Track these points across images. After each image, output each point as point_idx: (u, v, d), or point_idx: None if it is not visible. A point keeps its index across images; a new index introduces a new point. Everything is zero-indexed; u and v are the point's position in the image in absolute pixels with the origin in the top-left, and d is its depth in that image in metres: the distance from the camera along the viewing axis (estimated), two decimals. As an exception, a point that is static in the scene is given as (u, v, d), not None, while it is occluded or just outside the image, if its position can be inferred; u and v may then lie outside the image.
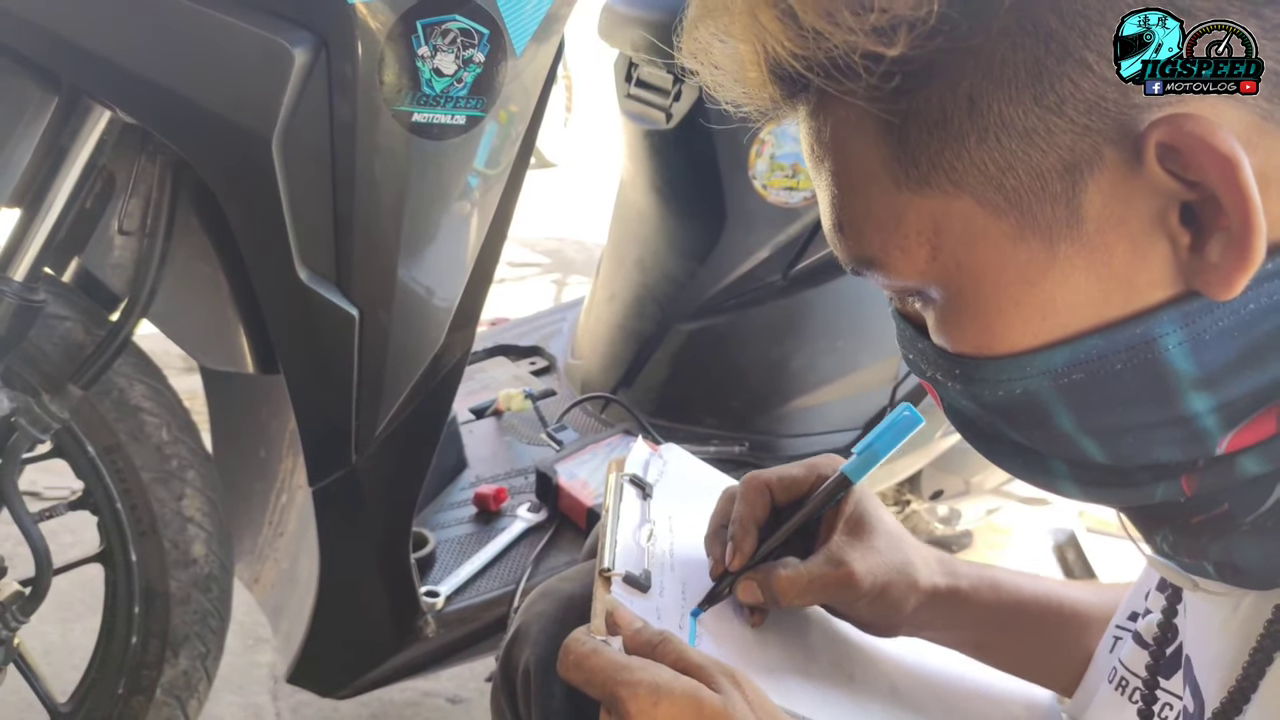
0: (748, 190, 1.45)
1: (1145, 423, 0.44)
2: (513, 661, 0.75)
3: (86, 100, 0.94)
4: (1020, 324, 0.44)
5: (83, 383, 1.01)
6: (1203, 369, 0.41)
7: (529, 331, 1.90)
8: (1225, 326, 0.41)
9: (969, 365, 0.46)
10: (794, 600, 0.68)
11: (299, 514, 1.21)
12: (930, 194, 0.43)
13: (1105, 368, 0.43)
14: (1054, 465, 0.48)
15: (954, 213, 0.43)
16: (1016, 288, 0.43)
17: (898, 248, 0.45)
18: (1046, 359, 0.44)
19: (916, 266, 0.45)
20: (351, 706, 1.50)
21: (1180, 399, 0.42)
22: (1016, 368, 0.44)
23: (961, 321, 0.46)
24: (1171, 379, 0.42)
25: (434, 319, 1.05)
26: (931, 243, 0.44)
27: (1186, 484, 0.45)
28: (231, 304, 1.03)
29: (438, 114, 0.93)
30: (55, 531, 1.12)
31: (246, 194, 0.92)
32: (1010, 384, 0.45)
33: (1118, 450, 0.45)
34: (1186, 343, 0.41)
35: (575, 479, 1.38)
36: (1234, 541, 0.45)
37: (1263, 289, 0.40)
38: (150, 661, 1.16)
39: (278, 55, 0.85)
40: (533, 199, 3.61)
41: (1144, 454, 0.45)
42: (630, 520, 0.75)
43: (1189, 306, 0.41)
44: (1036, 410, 0.45)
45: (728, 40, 0.45)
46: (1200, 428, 0.43)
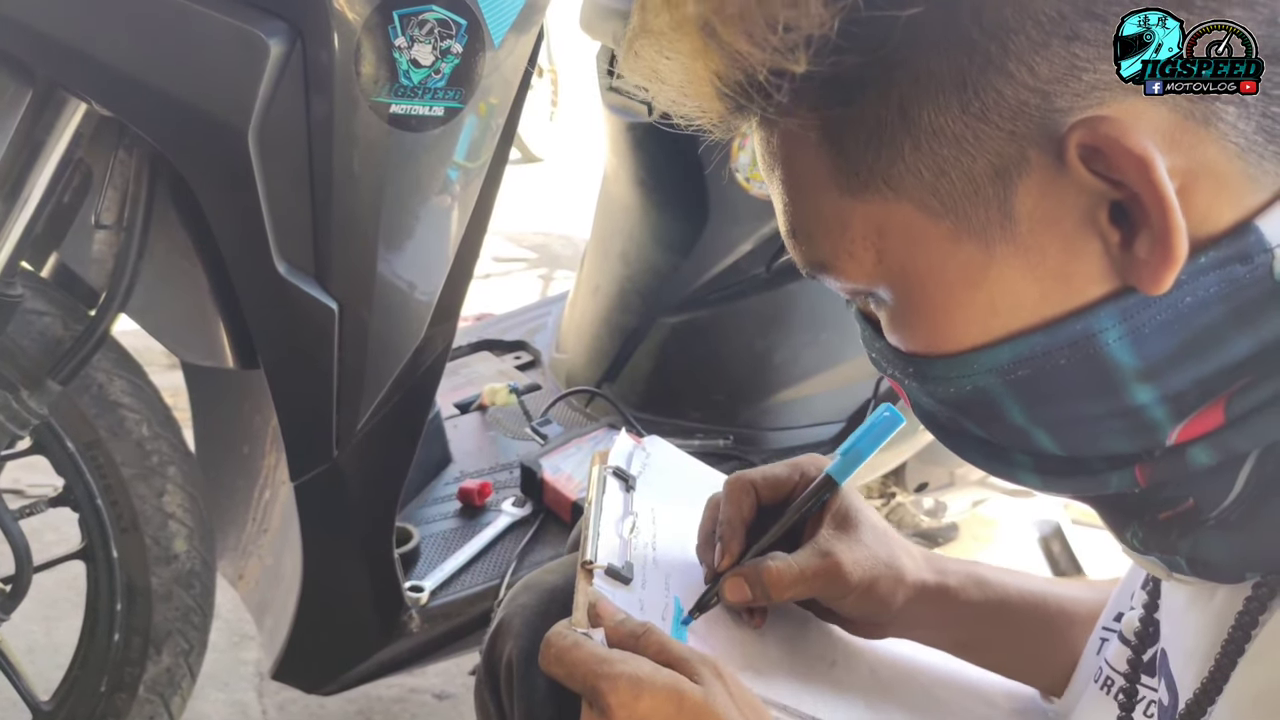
0: (730, 183, 1.45)
1: (1093, 415, 0.45)
2: (496, 654, 0.75)
3: (62, 93, 0.93)
4: (964, 323, 0.45)
5: (61, 378, 1.00)
6: (1144, 361, 0.42)
7: (513, 326, 1.89)
8: (1164, 320, 0.41)
9: (921, 364, 0.48)
10: (783, 594, 0.67)
11: (282, 510, 1.21)
12: (871, 200, 0.44)
13: (1050, 363, 0.44)
14: (1015, 457, 0.49)
15: (895, 217, 0.44)
16: (958, 289, 0.44)
17: (846, 253, 0.46)
18: (992, 356, 0.45)
19: (864, 270, 0.46)
20: (338, 703, 1.49)
21: (1125, 391, 0.43)
22: (964, 365, 0.46)
23: (910, 322, 0.47)
24: (1115, 372, 0.43)
25: (415, 312, 1.04)
26: (877, 247, 0.45)
27: (1140, 474, 0.45)
28: (211, 298, 1.02)
29: (416, 105, 0.93)
30: (39, 529, 1.12)
31: (223, 187, 0.91)
32: (960, 380, 0.46)
33: (1070, 441, 0.47)
34: (1126, 336, 0.42)
35: (560, 473, 1.37)
36: (1201, 537, 0.45)
37: (1198, 282, 0.41)
38: (133, 658, 1.16)
39: (253, 46, 0.84)
40: (519, 193, 3.61)
41: (1095, 445, 0.46)
42: (613, 512, 0.75)
43: (1126, 302, 0.42)
44: (989, 405, 0.46)
45: (672, 57, 0.45)
46: (1148, 418, 0.44)
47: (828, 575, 0.67)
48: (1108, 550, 1.84)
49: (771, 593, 0.67)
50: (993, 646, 0.73)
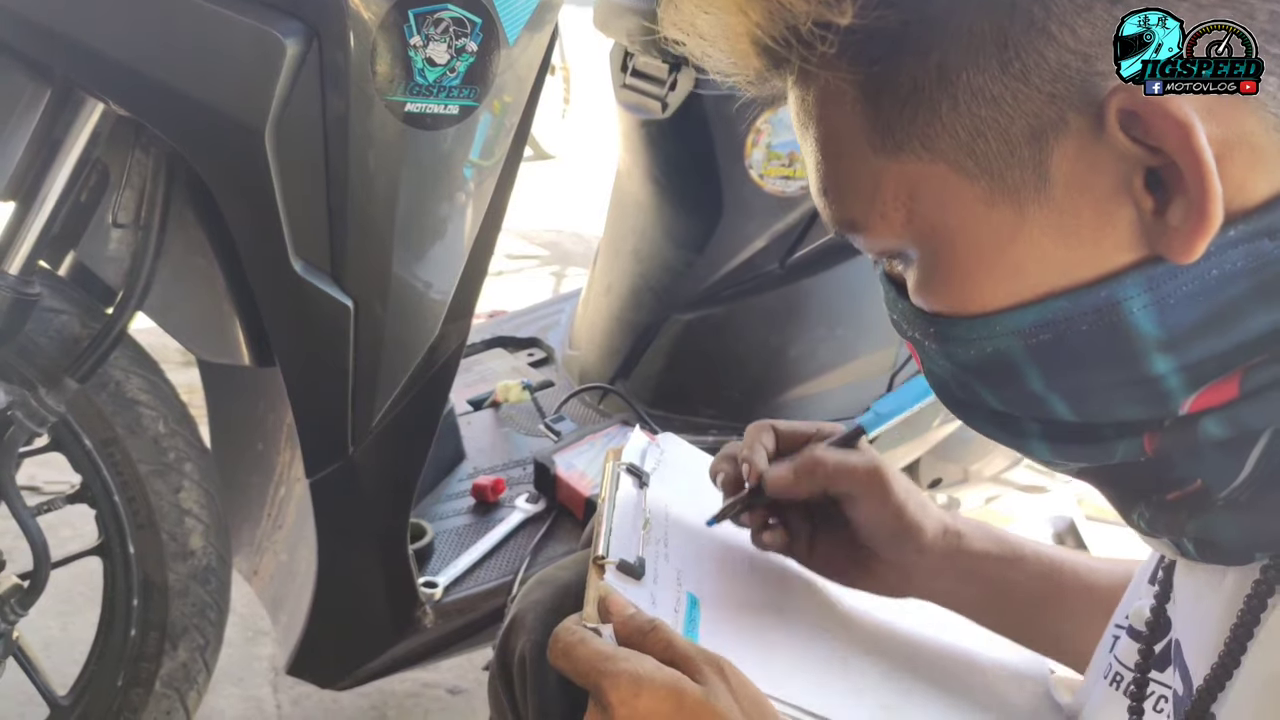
0: (744, 179, 1.44)
1: (1111, 382, 0.45)
2: (509, 649, 0.75)
3: (80, 93, 0.94)
4: (991, 285, 0.45)
5: (79, 376, 1.01)
6: (1166, 331, 0.42)
7: (527, 323, 1.89)
8: (1189, 291, 0.41)
9: (943, 324, 0.48)
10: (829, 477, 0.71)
11: (297, 506, 1.21)
12: (906, 159, 0.45)
13: (1072, 329, 0.44)
14: (1025, 426, 0.49)
15: (928, 177, 0.44)
16: (988, 250, 0.44)
17: (877, 212, 0.47)
18: (1016, 319, 0.45)
19: (894, 229, 0.47)
20: (352, 698, 1.50)
21: (1144, 360, 0.43)
22: (987, 327, 0.46)
23: (936, 282, 0.47)
24: (1136, 340, 0.43)
25: (429, 309, 1.04)
26: (908, 206, 0.46)
27: (1148, 443, 0.46)
28: (227, 296, 1.03)
29: (431, 104, 0.93)
30: (55, 525, 1.13)
31: (240, 186, 0.92)
32: (982, 343, 0.46)
33: (1085, 408, 0.46)
34: (1151, 306, 0.42)
35: (573, 469, 1.38)
36: (1210, 519, 0.46)
37: (1226, 255, 0.41)
38: (149, 654, 1.16)
39: (269, 46, 0.85)
40: (531, 191, 3.61)
41: (1110, 412, 0.46)
42: (626, 509, 0.75)
43: (1153, 270, 0.42)
44: (1007, 369, 0.47)
45: (711, 12, 0.46)
46: (1164, 388, 0.44)
47: (871, 475, 0.70)
48: (1122, 546, 1.84)
49: (817, 469, 0.70)
50: (1008, 605, 0.73)
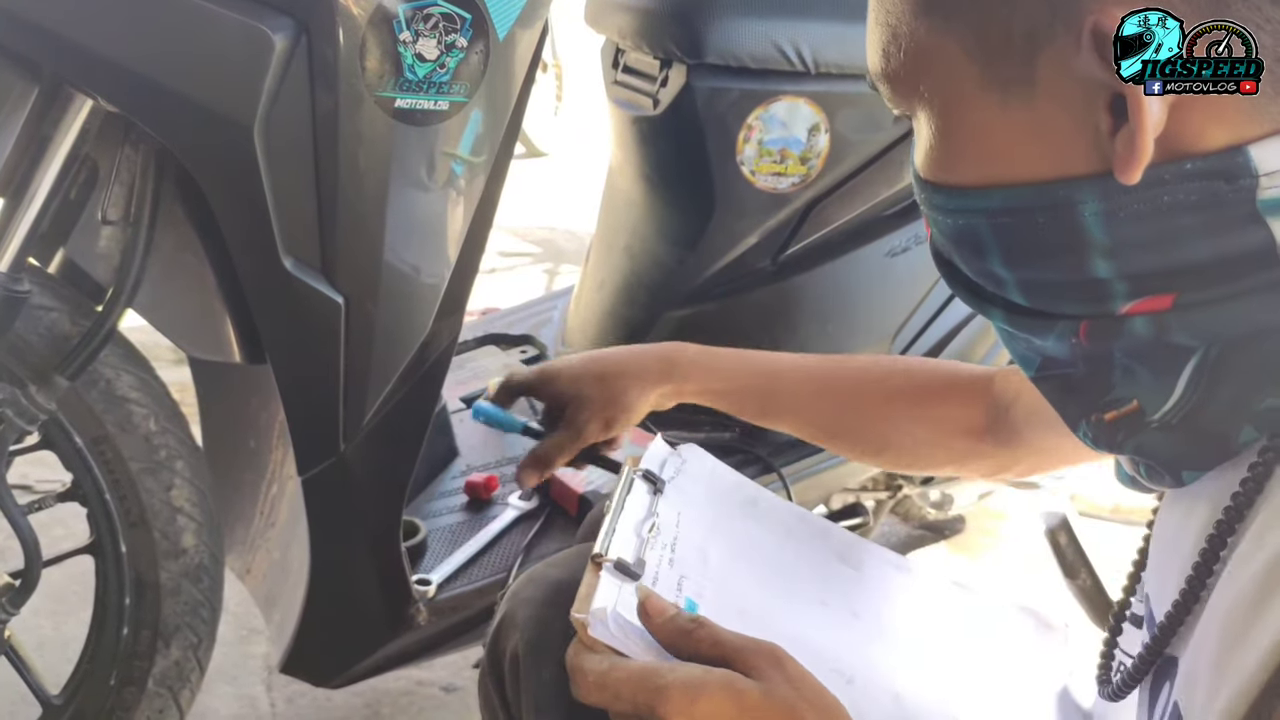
0: (736, 176, 1.44)
1: (1058, 277, 0.49)
2: (500, 649, 0.75)
3: (68, 89, 0.93)
4: (969, 162, 0.50)
5: (69, 373, 1.00)
6: (1112, 240, 0.46)
7: (519, 320, 1.89)
8: (1139, 210, 0.45)
9: (929, 191, 0.52)
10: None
11: (290, 504, 1.21)
12: (929, 24, 0.49)
13: (1030, 219, 0.48)
14: (992, 297, 0.54)
15: (941, 49, 0.48)
16: (972, 131, 0.49)
17: (899, 66, 0.51)
18: (985, 198, 0.49)
19: (907, 89, 0.51)
20: (345, 696, 1.50)
21: (1089, 261, 0.47)
22: (962, 199, 0.50)
23: (929, 150, 0.52)
24: (1084, 242, 0.47)
25: (420, 306, 1.04)
26: (921, 70, 0.50)
27: (1083, 330, 0.49)
28: (217, 293, 1.03)
29: (421, 100, 0.93)
30: (47, 524, 1.13)
31: (229, 182, 0.92)
32: (956, 215, 0.51)
33: (1034, 297, 0.51)
34: (1101, 214, 0.46)
35: (566, 466, 1.38)
36: (1144, 438, 0.50)
37: (1180, 187, 0.44)
38: (142, 652, 1.16)
39: (257, 41, 0.84)
40: (524, 188, 3.61)
41: (1055, 304, 0.50)
42: (635, 512, 0.74)
43: (1108, 184, 0.45)
44: (976, 245, 0.51)
45: None
46: (1105, 290, 0.48)
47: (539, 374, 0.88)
48: (1115, 543, 1.84)
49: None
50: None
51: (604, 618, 0.63)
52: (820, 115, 1.42)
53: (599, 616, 0.63)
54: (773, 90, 1.40)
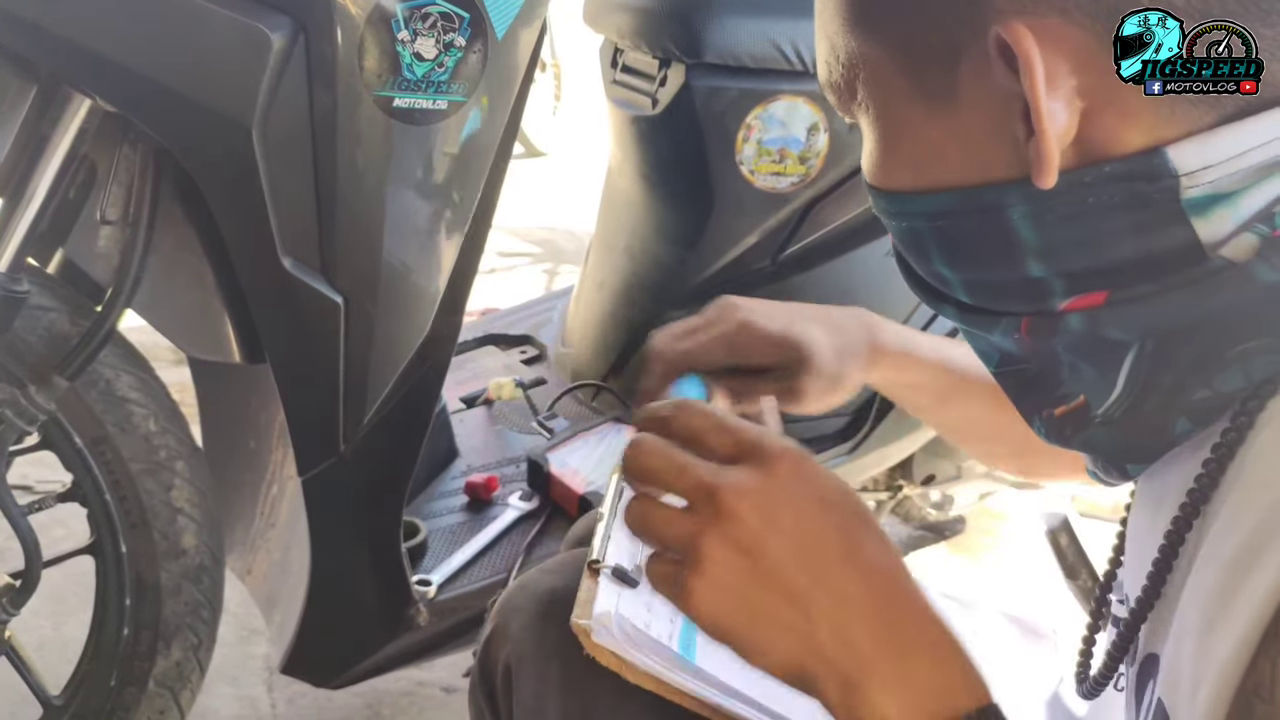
0: (735, 176, 1.44)
1: (998, 276, 0.51)
2: (491, 659, 0.73)
3: (66, 89, 0.93)
4: (906, 168, 0.51)
5: (69, 374, 1.00)
6: (1043, 242, 0.48)
7: (519, 320, 1.89)
8: (1066, 212, 0.46)
9: (875, 195, 0.54)
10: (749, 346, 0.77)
11: (290, 505, 1.21)
12: (861, 35, 0.51)
13: (964, 222, 0.50)
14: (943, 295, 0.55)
15: (873, 60, 0.50)
16: (905, 139, 0.51)
17: (839, 75, 0.53)
18: (921, 202, 0.51)
19: (846, 97, 0.53)
20: (346, 696, 1.50)
21: (1023, 262, 0.49)
22: (901, 203, 0.52)
23: (870, 155, 0.54)
24: (1016, 244, 0.48)
25: (420, 306, 1.04)
26: (857, 80, 0.52)
27: (1024, 326, 0.51)
28: (216, 293, 1.03)
29: (419, 99, 0.93)
30: (47, 525, 1.12)
31: (228, 182, 0.92)
32: (899, 217, 0.53)
33: (977, 295, 0.53)
34: (1029, 217, 0.47)
35: (566, 467, 1.38)
36: (1090, 433, 0.51)
37: (1104, 189, 0.45)
38: (142, 653, 1.16)
39: (255, 41, 0.84)
40: (523, 188, 3.61)
41: (996, 302, 0.52)
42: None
43: (1033, 188, 0.46)
44: (920, 247, 0.53)
45: None
46: (1042, 288, 0.49)
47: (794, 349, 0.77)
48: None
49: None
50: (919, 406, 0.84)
51: (608, 623, 0.62)
52: (819, 114, 1.42)
53: (603, 622, 0.62)
54: (772, 89, 1.40)
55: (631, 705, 0.65)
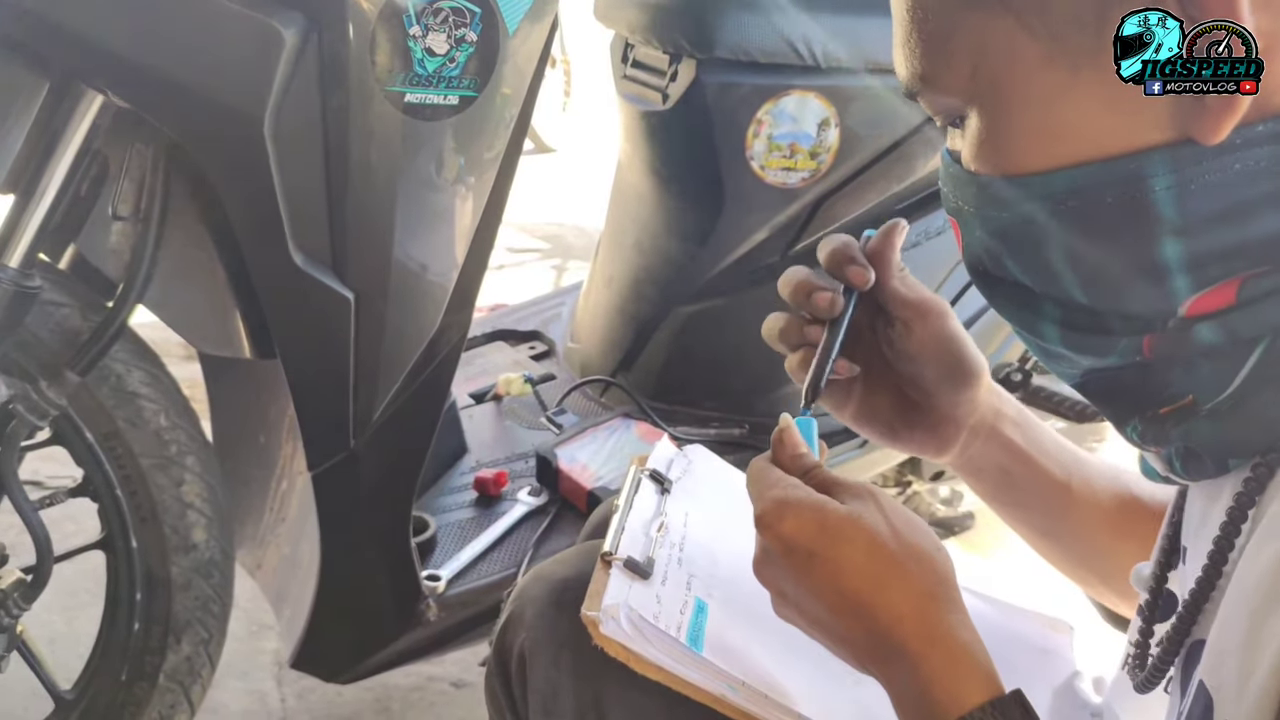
0: (745, 171, 1.44)
1: (1123, 266, 0.47)
2: (506, 647, 0.74)
3: (79, 85, 0.93)
4: (1033, 146, 0.48)
5: (80, 369, 1.01)
6: (1182, 217, 0.45)
7: (528, 316, 1.89)
8: (1211, 181, 0.44)
9: (984, 185, 0.50)
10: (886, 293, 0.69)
11: (300, 500, 1.21)
12: (981, 10, 0.47)
13: (1098, 199, 0.46)
14: (1044, 307, 0.52)
15: (997, 32, 0.47)
16: (1037, 110, 0.47)
17: (945, 63, 0.50)
18: (1049, 183, 0.48)
19: (958, 84, 0.50)
20: (355, 691, 1.50)
21: (1157, 243, 0.46)
22: (1022, 188, 0.49)
23: (986, 141, 0.50)
24: (1153, 221, 0.45)
25: (430, 302, 1.04)
26: (974, 60, 0.48)
27: (1147, 344, 0.48)
28: (228, 289, 1.03)
29: (431, 94, 0.93)
30: (58, 520, 1.13)
31: (240, 177, 0.92)
32: (1015, 205, 0.49)
33: (1094, 289, 0.49)
34: (1173, 188, 0.44)
35: (575, 462, 1.38)
36: (1192, 426, 0.49)
37: (1251, 152, 0.43)
38: (153, 647, 1.16)
39: (268, 37, 0.84)
40: (532, 184, 3.60)
41: (1117, 298, 0.49)
42: (643, 512, 0.74)
43: (1181, 152, 0.44)
44: (1033, 237, 0.49)
45: None
46: (1169, 283, 0.46)
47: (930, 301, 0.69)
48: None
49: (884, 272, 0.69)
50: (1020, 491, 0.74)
51: (616, 615, 0.63)
52: (830, 110, 1.42)
53: (611, 614, 0.63)
54: (782, 85, 1.40)
55: (642, 693, 0.66)
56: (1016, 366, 1.57)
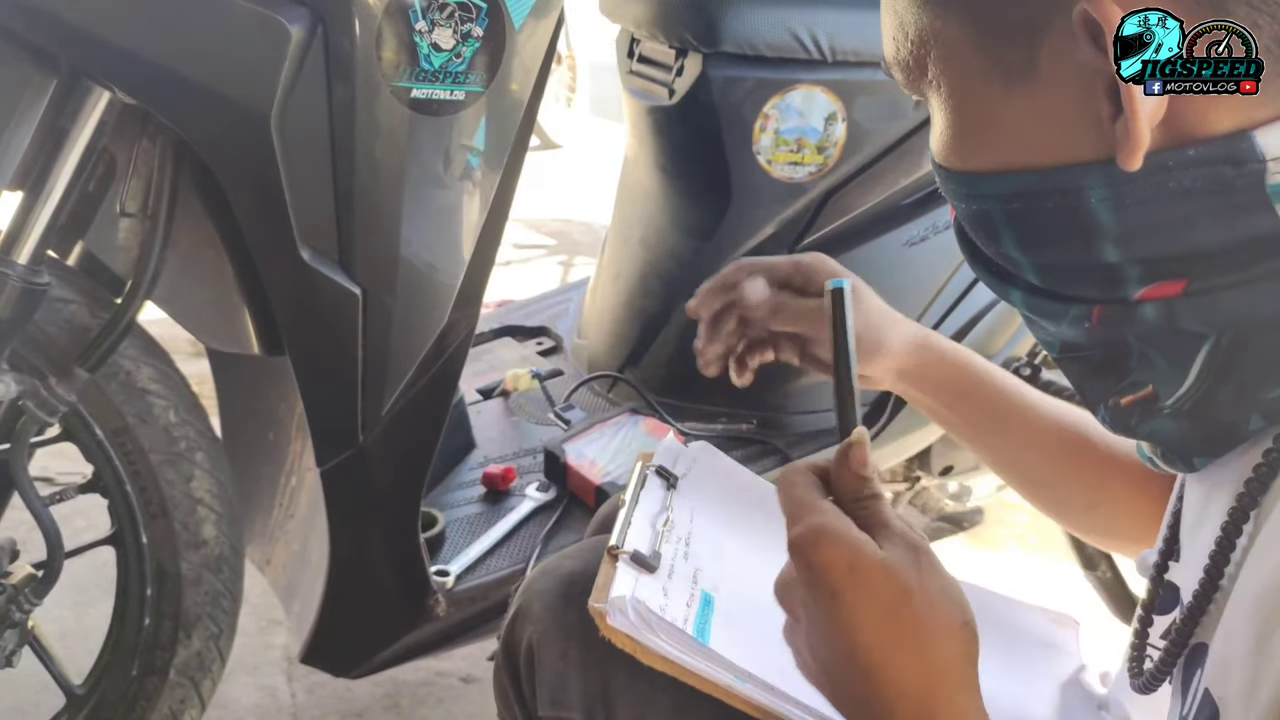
0: (752, 166, 1.44)
1: (1071, 261, 0.49)
2: (515, 639, 0.75)
3: (86, 81, 0.94)
4: (979, 148, 0.50)
5: (89, 365, 1.01)
6: (1120, 226, 0.46)
7: (535, 312, 1.89)
8: (1146, 196, 0.45)
9: (944, 175, 0.53)
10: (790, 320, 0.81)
11: (309, 496, 1.22)
12: (936, 14, 0.49)
13: (1040, 204, 0.48)
14: (1012, 278, 0.54)
15: (946, 38, 0.49)
16: (980, 117, 0.50)
17: (910, 55, 0.52)
18: (994, 183, 0.50)
19: (917, 76, 0.52)
20: (365, 686, 1.51)
21: (1099, 246, 0.47)
22: (974, 185, 0.51)
23: (941, 135, 0.52)
24: (1093, 228, 0.47)
25: (438, 297, 1.04)
26: (929, 58, 0.51)
27: (1096, 314, 0.50)
28: (235, 285, 1.03)
29: (437, 89, 0.93)
30: (68, 516, 1.13)
31: (247, 173, 0.92)
32: (970, 199, 0.52)
33: (1049, 279, 0.51)
34: (1108, 199, 0.46)
35: (583, 458, 1.38)
36: (1157, 423, 0.50)
37: (1186, 173, 0.44)
38: (163, 643, 1.17)
39: (274, 32, 0.84)
40: (537, 180, 3.61)
41: (1069, 287, 0.51)
42: (649, 507, 0.75)
43: (1114, 170, 0.45)
44: (991, 228, 0.52)
45: None
46: (1118, 275, 0.48)
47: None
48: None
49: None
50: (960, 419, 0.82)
51: (623, 606, 0.63)
52: (837, 104, 1.41)
53: (618, 605, 0.63)
54: (789, 79, 1.40)
55: (649, 684, 0.66)
56: (1025, 360, 1.56)
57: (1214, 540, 0.49)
